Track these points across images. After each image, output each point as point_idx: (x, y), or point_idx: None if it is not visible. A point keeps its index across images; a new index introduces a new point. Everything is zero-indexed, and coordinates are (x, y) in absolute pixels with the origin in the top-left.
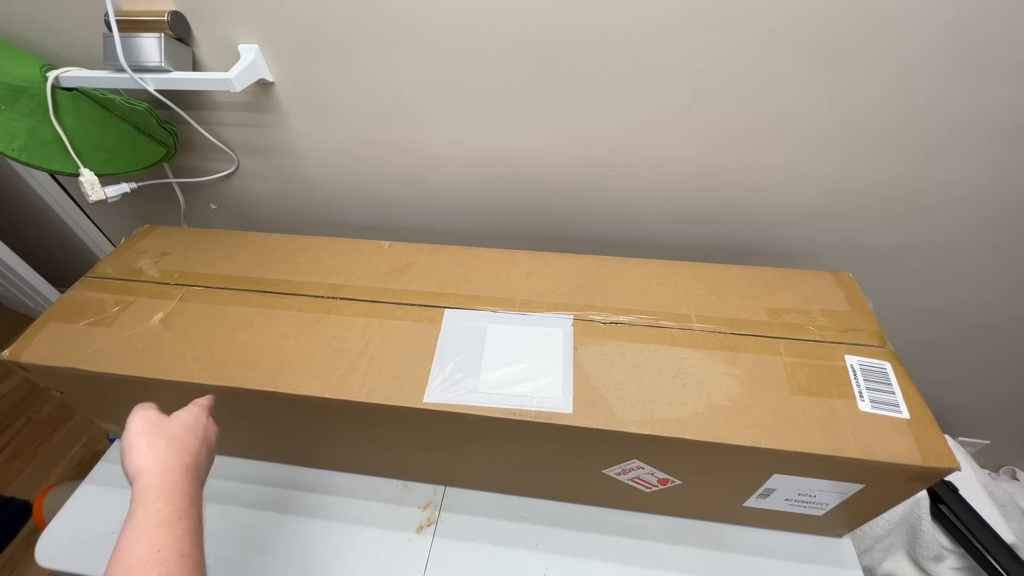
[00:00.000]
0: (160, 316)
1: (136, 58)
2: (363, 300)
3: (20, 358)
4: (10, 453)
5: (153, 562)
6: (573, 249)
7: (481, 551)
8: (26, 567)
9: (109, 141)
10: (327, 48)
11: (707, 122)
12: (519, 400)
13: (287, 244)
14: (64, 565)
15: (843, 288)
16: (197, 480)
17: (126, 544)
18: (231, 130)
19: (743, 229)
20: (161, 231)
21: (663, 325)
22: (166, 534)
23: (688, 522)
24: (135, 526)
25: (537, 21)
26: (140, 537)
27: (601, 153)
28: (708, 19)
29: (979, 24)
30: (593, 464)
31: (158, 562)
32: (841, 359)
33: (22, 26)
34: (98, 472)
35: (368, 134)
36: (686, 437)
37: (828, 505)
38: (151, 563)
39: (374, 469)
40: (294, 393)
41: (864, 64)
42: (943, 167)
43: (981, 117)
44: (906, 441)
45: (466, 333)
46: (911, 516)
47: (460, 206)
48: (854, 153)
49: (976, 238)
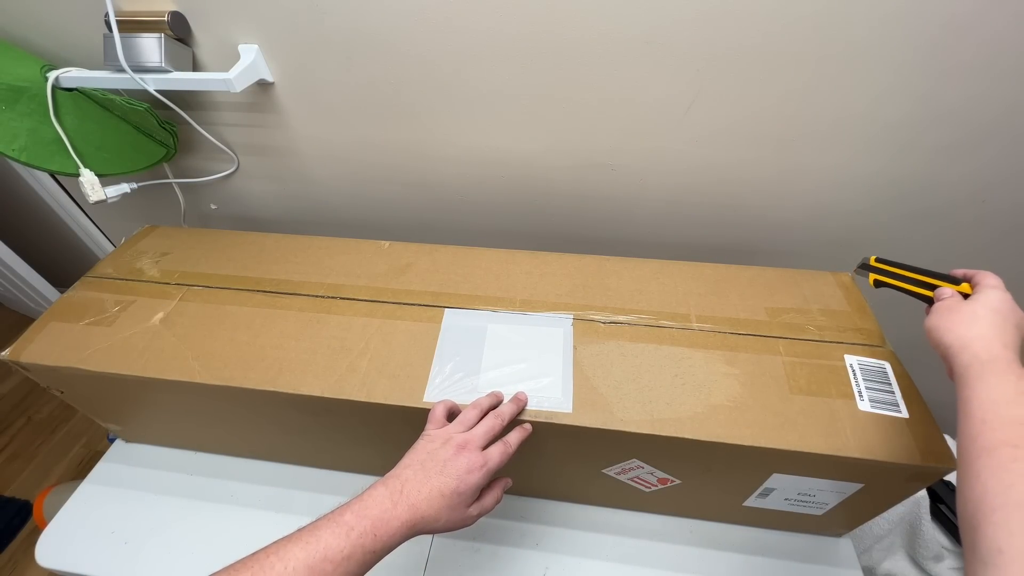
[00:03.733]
0: (160, 316)
1: (136, 58)
2: (363, 300)
3: (20, 358)
4: (10, 453)
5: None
6: (573, 249)
7: (481, 551)
8: (26, 567)
9: (109, 141)
10: (327, 48)
11: (707, 122)
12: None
13: (287, 244)
14: (64, 565)
15: (842, 288)
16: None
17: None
18: (231, 130)
19: (743, 229)
20: (161, 231)
21: (663, 325)
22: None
23: (688, 522)
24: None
25: (537, 22)
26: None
27: (601, 153)
28: (708, 19)
29: (979, 24)
30: (593, 464)
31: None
32: (841, 359)
33: (22, 26)
34: (98, 472)
35: (368, 134)
36: (686, 437)
37: (827, 505)
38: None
39: (374, 469)
40: (294, 393)
41: (864, 64)
42: (942, 167)
43: (981, 117)
44: (905, 441)
45: (466, 333)
46: (911, 516)
47: (460, 206)
48: (854, 153)
49: (975, 238)
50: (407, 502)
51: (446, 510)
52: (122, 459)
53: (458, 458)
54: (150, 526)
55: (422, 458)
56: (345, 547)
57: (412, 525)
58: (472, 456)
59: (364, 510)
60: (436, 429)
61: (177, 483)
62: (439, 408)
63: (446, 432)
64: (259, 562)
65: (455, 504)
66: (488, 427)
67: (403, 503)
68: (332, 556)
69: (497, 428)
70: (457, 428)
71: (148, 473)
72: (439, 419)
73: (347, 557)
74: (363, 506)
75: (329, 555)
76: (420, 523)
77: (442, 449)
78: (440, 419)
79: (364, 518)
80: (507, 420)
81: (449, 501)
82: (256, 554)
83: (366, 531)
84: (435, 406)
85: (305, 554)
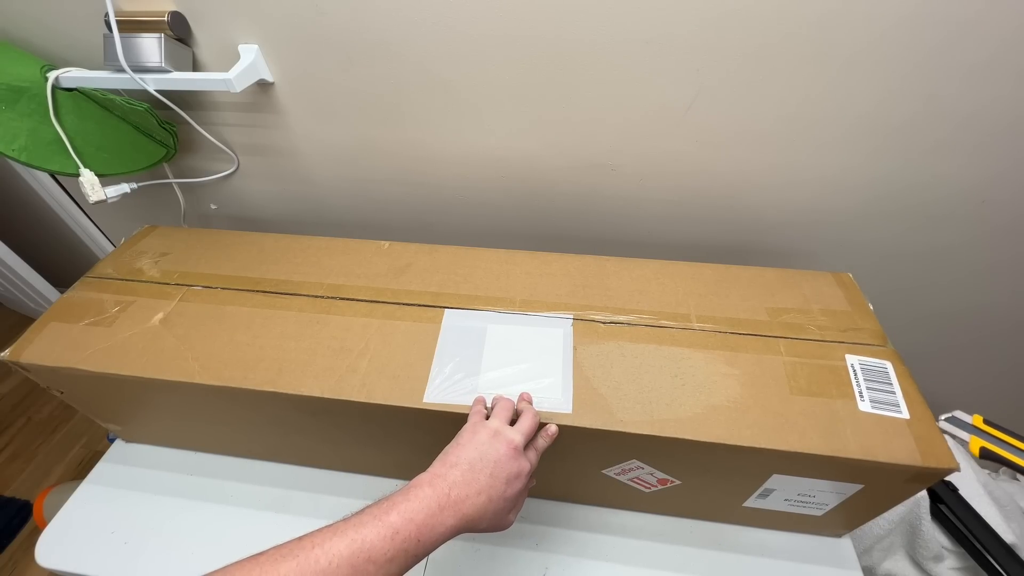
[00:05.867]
0: (160, 316)
1: (136, 58)
2: (363, 300)
3: (20, 358)
4: (10, 453)
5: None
6: (573, 249)
7: (481, 551)
8: (26, 567)
9: (109, 141)
10: (327, 48)
11: (707, 122)
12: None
13: (287, 244)
14: (64, 565)
15: (843, 288)
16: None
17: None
18: (231, 130)
19: (743, 229)
20: (161, 231)
21: (663, 325)
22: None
23: (688, 522)
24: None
25: (537, 22)
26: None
27: (601, 153)
28: (707, 19)
29: (979, 24)
30: (593, 464)
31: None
32: (841, 358)
33: (22, 26)
34: (98, 472)
35: (368, 134)
36: (686, 437)
37: (827, 505)
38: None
39: (374, 469)
40: (294, 393)
41: (864, 64)
42: (942, 167)
43: (980, 117)
44: (906, 441)
45: (466, 333)
46: (911, 516)
47: (460, 206)
48: (854, 153)
49: (975, 238)
50: (454, 507)
51: (491, 514)
52: (122, 459)
53: (508, 462)
54: (150, 526)
55: (471, 457)
56: (389, 550)
57: (457, 530)
58: (520, 461)
59: (410, 513)
60: (480, 418)
61: (177, 483)
62: (478, 400)
63: (492, 426)
64: (304, 551)
65: (500, 510)
66: (531, 424)
67: (450, 508)
68: (376, 557)
69: (536, 424)
70: (502, 419)
71: (148, 473)
72: (481, 410)
73: (390, 560)
74: (409, 508)
75: (373, 556)
76: (465, 527)
77: (491, 447)
78: (482, 410)
79: (410, 522)
80: (538, 417)
81: (496, 506)
82: (301, 541)
83: (411, 536)
84: (476, 402)
85: (350, 552)
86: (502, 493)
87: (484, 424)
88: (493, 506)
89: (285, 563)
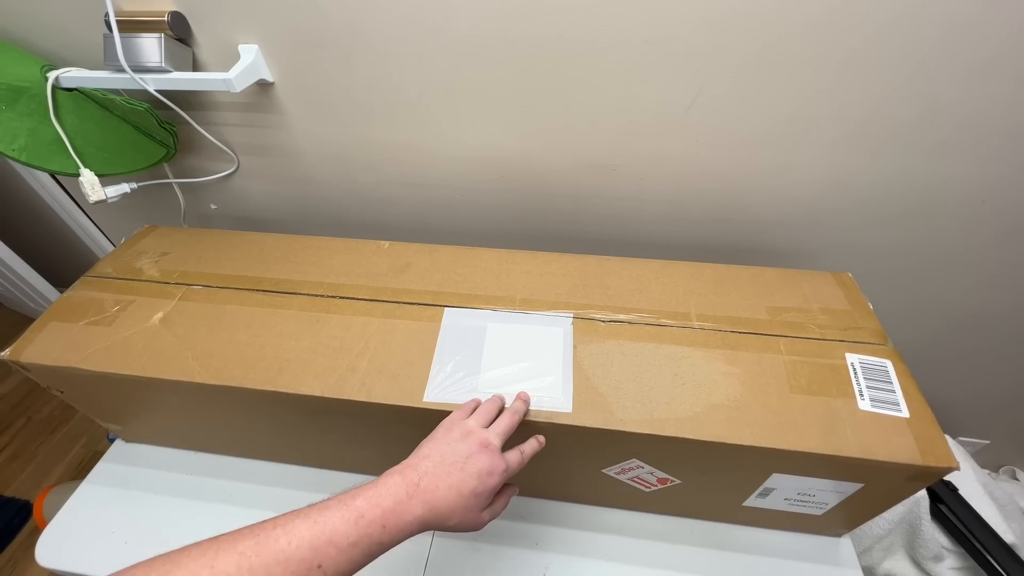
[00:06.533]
0: (160, 316)
1: (136, 58)
2: (363, 299)
3: (20, 358)
4: (10, 453)
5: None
6: (573, 249)
7: (481, 551)
8: (26, 567)
9: (109, 141)
10: (327, 48)
11: (707, 122)
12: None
13: (287, 244)
14: (64, 565)
15: (843, 288)
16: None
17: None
18: (231, 130)
19: (743, 229)
20: (161, 231)
21: (663, 324)
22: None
23: (688, 522)
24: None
25: (536, 22)
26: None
27: (601, 153)
28: (708, 19)
29: (979, 25)
30: (593, 464)
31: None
32: (842, 357)
33: (22, 26)
34: (98, 472)
35: (368, 134)
36: (685, 436)
37: (827, 504)
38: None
39: (374, 468)
40: (294, 393)
41: (864, 65)
42: (942, 167)
43: (980, 117)
44: (906, 440)
45: (466, 332)
46: (911, 516)
47: (460, 206)
48: (854, 153)
49: (975, 238)
50: (422, 497)
51: (461, 510)
52: (122, 459)
53: (480, 457)
54: (150, 526)
55: (443, 450)
56: (352, 534)
57: (424, 521)
58: (494, 458)
59: (377, 499)
60: (461, 416)
61: (177, 483)
62: (470, 401)
63: (467, 424)
64: (265, 531)
65: (471, 506)
66: (508, 424)
67: (418, 497)
68: (338, 541)
69: (514, 425)
70: (479, 420)
71: (148, 473)
72: (467, 409)
73: (353, 544)
74: (376, 495)
75: (335, 539)
76: (432, 520)
77: (463, 443)
78: (468, 409)
79: (376, 507)
80: (522, 417)
81: (466, 502)
82: (263, 524)
83: (375, 521)
84: (467, 402)
85: (311, 534)
86: (473, 488)
87: (461, 422)
88: (464, 501)
89: (244, 541)
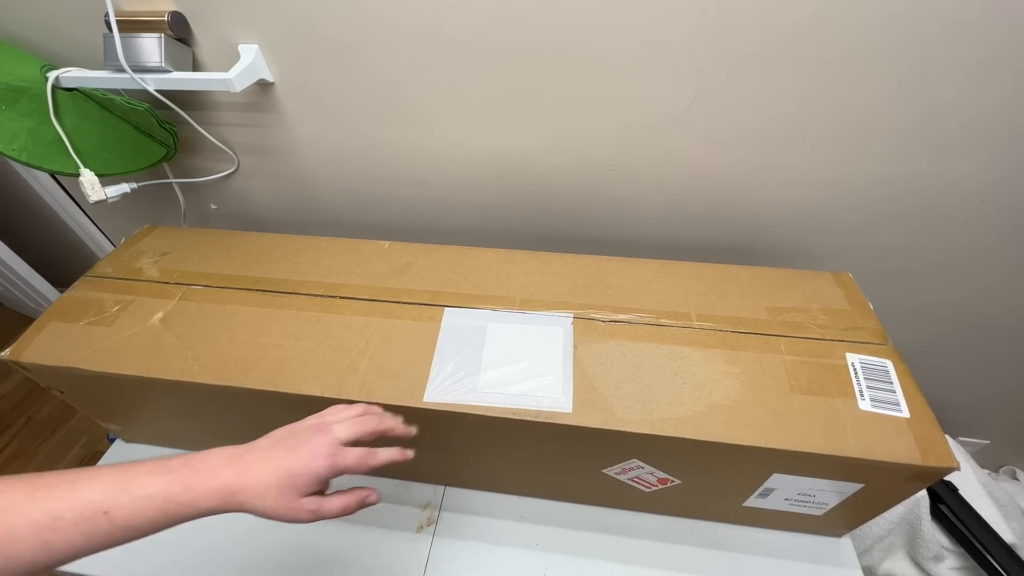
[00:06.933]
0: (160, 315)
1: (136, 58)
2: (363, 299)
3: (20, 358)
4: (10, 453)
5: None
6: (573, 249)
7: (481, 551)
8: None
9: (109, 141)
10: (327, 49)
11: (707, 122)
12: (519, 399)
13: (287, 244)
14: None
15: (843, 288)
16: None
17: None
18: (231, 130)
19: (743, 229)
20: (161, 231)
21: (663, 323)
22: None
23: (688, 522)
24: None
25: (536, 22)
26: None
27: (601, 153)
28: (708, 19)
29: (980, 26)
30: (593, 464)
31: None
32: (842, 357)
33: (23, 26)
34: None
35: (368, 134)
36: (686, 436)
37: (828, 505)
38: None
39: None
40: (294, 393)
41: (865, 65)
42: (943, 168)
43: (981, 118)
44: (906, 440)
45: (466, 332)
46: (911, 516)
47: (460, 206)
48: (854, 153)
49: (976, 239)
50: (238, 466)
51: (275, 489)
52: (122, 459)
53: (310, 440)
54: None
55: (284, 433)
56: (151, 486)
57: (232, 492)
58: (326, 446)
59: (193, 461)
60: (325, 413)
61: None
62: (357, 407)
63: (324, 418)
64: (75, 473)
65: (285, 487)
66: (362, 422)
67: (234, 466)
68: (133, 490)
69: (369, 426)
70: (332, 416)
71: None
72: (337, 408)
73: (147, 496)
74: (195, 458)
75: (131, 489)
76: (242, 493)
77: (304, 428)
78: (339, 408)
79: (186, 467)
80: (384, 425)
81: (279, 480)
82: (73, 471)
83: (179, 480)
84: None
85: (112, 479)
86: (290, 468)
87: (319, 414)
88: (278, 479)
89: (47, 478)
